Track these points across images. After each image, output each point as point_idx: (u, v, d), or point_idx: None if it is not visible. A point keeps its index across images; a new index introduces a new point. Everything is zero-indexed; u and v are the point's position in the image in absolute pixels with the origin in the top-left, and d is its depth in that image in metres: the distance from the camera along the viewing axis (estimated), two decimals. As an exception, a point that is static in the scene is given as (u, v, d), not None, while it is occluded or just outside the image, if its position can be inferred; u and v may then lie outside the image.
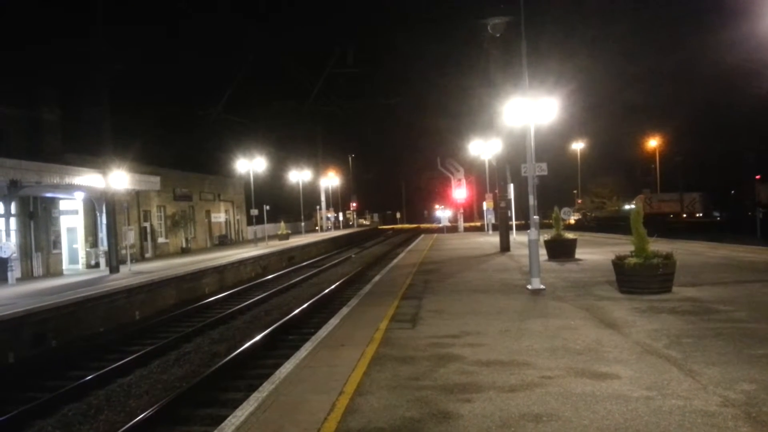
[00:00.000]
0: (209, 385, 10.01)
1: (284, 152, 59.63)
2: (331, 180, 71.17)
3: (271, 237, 44.61)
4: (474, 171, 56.44)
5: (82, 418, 9.08)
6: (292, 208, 61.24)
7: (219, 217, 44.36)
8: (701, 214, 64.52)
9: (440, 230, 54.04)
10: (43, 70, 26.63)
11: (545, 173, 15.43)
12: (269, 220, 44.00)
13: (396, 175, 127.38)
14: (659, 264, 11.43)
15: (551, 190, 54.03)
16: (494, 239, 29.72)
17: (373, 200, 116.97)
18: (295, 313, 16.23)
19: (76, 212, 27.32)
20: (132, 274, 22.04)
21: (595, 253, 21.31)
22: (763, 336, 7.81)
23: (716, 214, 65.96)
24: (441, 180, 70.88)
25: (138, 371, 11.58)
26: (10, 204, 21.76)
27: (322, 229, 66.22)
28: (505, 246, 24.95)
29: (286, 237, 44.65)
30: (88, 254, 27.23)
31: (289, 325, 14.85)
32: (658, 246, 12.84)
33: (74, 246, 27.70)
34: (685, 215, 61.86)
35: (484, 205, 42.53)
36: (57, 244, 25.63)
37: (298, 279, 25.26)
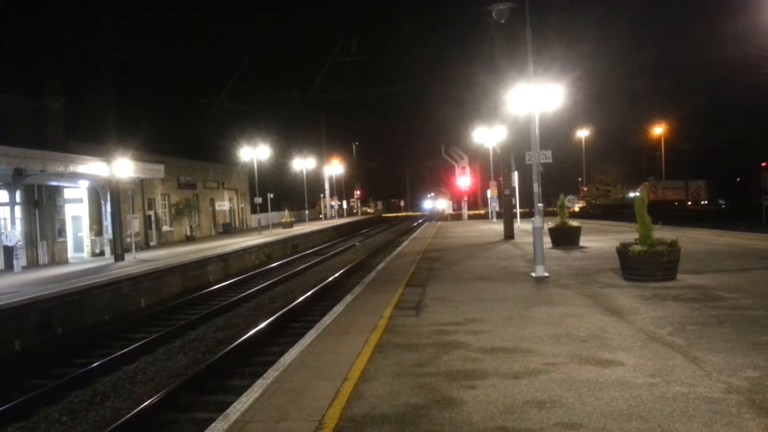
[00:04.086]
0: (214, 372, 10.06)
1: (288, 140, 59.63)
2: (335, 168, 71.10)
3: (275, 225, 44.71)
4: (478, 159, 56.31)
5: (88, 405, 9.14)
6: (296, 196, 61.28)
7: (223, 205, 44.40)
8: (706, 202, 64.36)
9: (444, 218, 53.98)
10: (47, 58, 26.59)
11: (550, 161, 15.40)
12: (273, 209, 44.03)
13: (400, 163, 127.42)
14: (664, 251, 11.41)
15: (556, 178, 53.95)
16: (498, 227, 29.71)
17: (377, 188, 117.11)
18: (299, 300, 16.28)
19: (80, 201, 27.37)
20: (137, 262, 22.11)
21: (600, 240, 21.27)
22: (768, 323, 7.80)
23: (721, 201, 65.82)
24: (445, 168, 70.72)
25: (143, 358, 11.64)
26: (15, 192, 21.81)
27: (326, 218, 66.27)
28: (509, 234, 24.93)
29: (290, 225, 44.72)
30: (93, 242, 27.31)
31: (294, 313, 14.90)
32: (663, 233, 12.85)
33: (79, 234, 27.78)
34: (690, 203, 61.68)
35: (488, 193, 42.40)
36: (62, 232, 25.72)
37: (302, 267, 25.31)
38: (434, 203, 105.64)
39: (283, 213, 48.63)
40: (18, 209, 22.39)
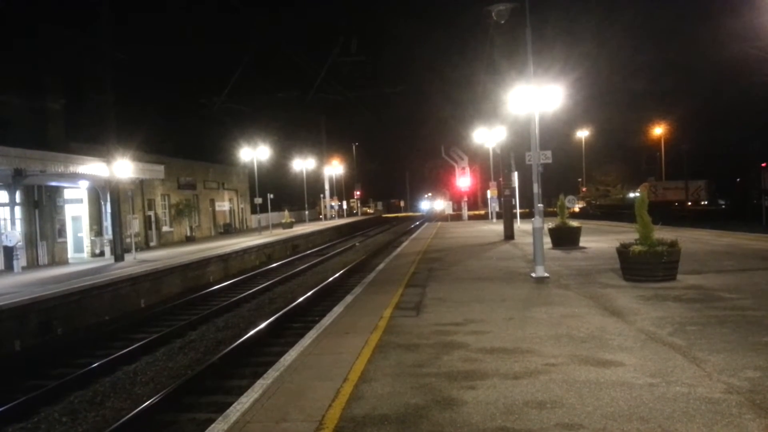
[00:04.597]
0: (214, 373, 10.06)
1: (288, 141, 59.64)
2: (335, 168, 71.10)
3: (275, 225, 44.70)
4: (478, 159, 56.29)
5: (88, 406, 9.14)
6: (296, 196, 61.29)
7: (223, 205, 44.40)
8: (706, 202, 64.31)
9: (444, 219, 53.96)
10: (47, 58, 26.55)
11: (550, 161, 15.40)
12: (273, 209, 43.99)
13: (400, 164, 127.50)
14: (664, 252, 11.41)
15: (556, 179, 53.96)
16: (498, 227, 29.71)
17: (377, 189, 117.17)
18: (299, 301, 16.27)
19: (80, 201, 27.37)
20: (137, 262, 22.11)
21: (600, 241, 21.27)
22: (768, 323, 7.80)
23: (721, 201, 65.75)
24: (445, 168, 70.75)
25: (143, 359, 11.64)
26: (15, 193, 21.81)
27: (326, 218, 66.25)
28: (509, 234, 24.92)
29: (290, 225, 44.72)
30: (93, 243, 27.31)
31: (294, 313, 14.89)
32: (663, 234, 12.84)
33: (79, 234, 27.78)
34: (690, 203, 61.62)
35: (488, 194, 42.40)
36: (62, 232, 25.72)
37: (302, 267, 25.31)
38: (432, 204, 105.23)
39: (283, 213, 48.64)
40: (18, 209, 22.39)
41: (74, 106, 28.01)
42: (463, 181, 50.36)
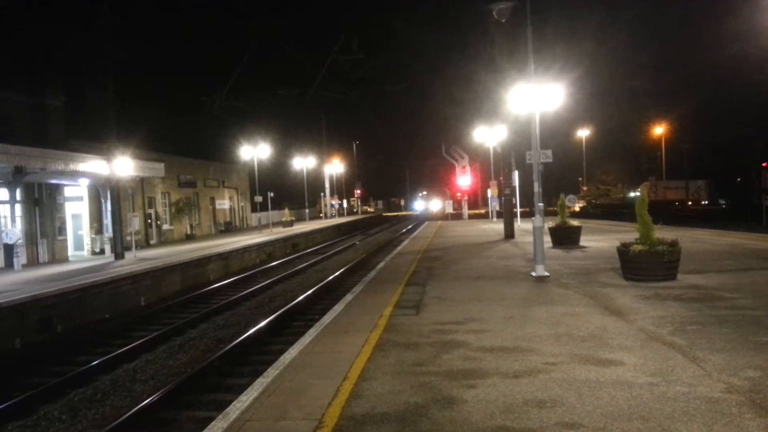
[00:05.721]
0: (214, 371, 10.05)
1: (288, 139, 59.64)
2: (335, 167, 71.10)
3: (276, 224, 44.69)
4: (479, 158, 56.30)
5: (88, 403, 9.13)
6: (297, 195, 61.30)
7: (223, 203, 44.40)
8: (707, 202, 64.21)
9: (444, 218, 53.96)
10: (47, 56, 26.57)
11: (550, 160, 15.37)
12: (273, 207, 44.00)
13: (400, 162, 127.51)
14: (664, 251, 11.41)
15: (556, 178, 53.96)
16: (498, 226, 29.71)
17: (378, 187, 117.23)
18: (299, 299, 16.27)
19: (81, 199, 27.37)
20: (137, 260, 22.11)
21: (600, 240, 21.25)
22: (768, 323, 7.79)
23: (722, 201, 65.67)
24: (445, 167, 70.70)
25: (144, 356, 11.63)
26: (15, 190, 21.81)
27: (326, 216, 66.24)
28: (509, 233, 24.92)
29: (290, 224, 44.73)
30: (93, 241, 27.31)
31: (294, 312, 14.89)
32: (663, 233, 12.84)
33: (79, 232, 27.78)
34: (690, 203, 61.56)
35: (489, 193, 42.37)
36: (62, 230, 25.71)
37: (302, 265, 25.31)
38: (427, 203, 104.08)
39: (283, 212, 48.66)
40: (18, 207, 22.39)
41: (75, 103, 28.03)
42: (464, 179, 50.36)
